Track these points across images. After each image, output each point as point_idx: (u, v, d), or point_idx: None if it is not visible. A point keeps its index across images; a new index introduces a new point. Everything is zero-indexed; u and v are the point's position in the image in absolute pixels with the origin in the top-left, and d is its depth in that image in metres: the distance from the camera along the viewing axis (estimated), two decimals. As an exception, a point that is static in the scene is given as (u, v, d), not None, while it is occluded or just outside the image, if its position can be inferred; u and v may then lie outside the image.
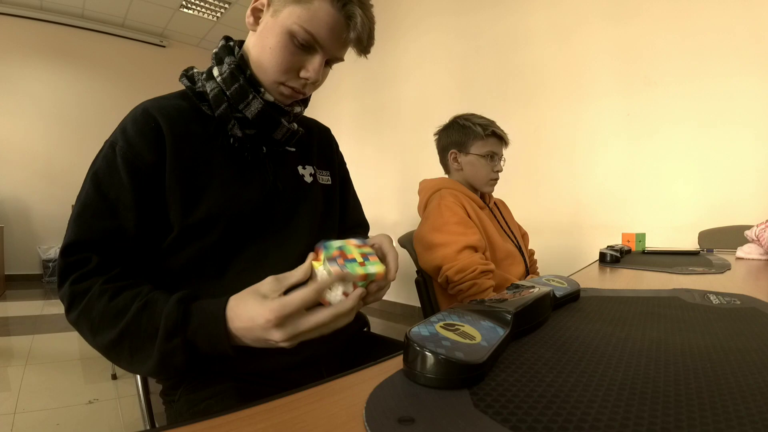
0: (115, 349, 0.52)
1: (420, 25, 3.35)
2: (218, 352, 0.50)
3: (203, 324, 0.50)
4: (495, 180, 1.28)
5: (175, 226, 0.59)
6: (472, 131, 1.24)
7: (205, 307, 0.51)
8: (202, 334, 0.49)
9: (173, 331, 0.49)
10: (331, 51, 0.63)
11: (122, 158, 0.57)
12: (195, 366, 0.51)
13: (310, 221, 0.71)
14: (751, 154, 1.84)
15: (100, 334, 0.52)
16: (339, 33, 0.61)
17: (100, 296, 0.52)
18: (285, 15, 0.60)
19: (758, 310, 0.55)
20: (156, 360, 0.50)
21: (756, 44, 1.81)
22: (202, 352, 0.50)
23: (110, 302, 0.52)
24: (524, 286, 0.55)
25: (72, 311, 0.54)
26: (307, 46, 0.61)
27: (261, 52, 0.63)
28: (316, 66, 0.62)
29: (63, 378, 1.95)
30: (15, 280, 4.35)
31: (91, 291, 0.53)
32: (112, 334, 0.51)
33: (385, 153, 3.65)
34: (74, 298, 0.53)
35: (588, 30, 2.35)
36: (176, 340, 0.49)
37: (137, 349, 0.51)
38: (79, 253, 0.55)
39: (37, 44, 4.64)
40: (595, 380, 0.32)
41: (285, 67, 0.62)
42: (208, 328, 0.49)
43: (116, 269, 0.56)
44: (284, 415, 0.29)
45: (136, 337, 0.51)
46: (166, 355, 0.49)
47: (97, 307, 0.52)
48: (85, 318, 0.53)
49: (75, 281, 0.54)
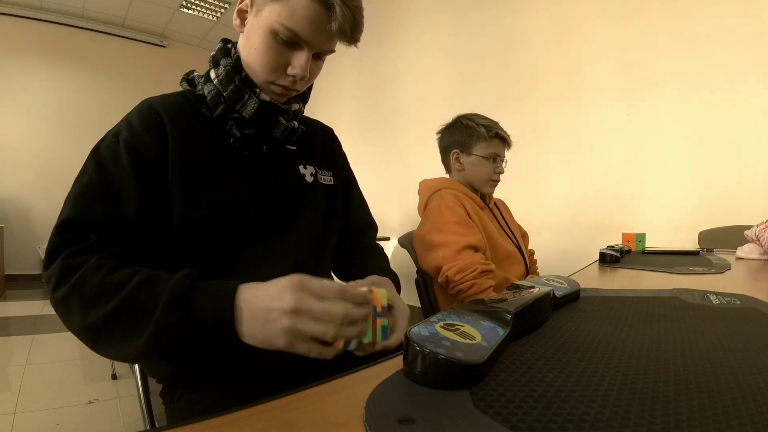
0: (106, 326, 0.47)
1: (419, 23, 3.35)
2: (219, 332, 0.45)
3: (211, 296, 0.46)
4: (496, 182, 1.28)
5: (176, 222, 0.59)
6: (476, 132, 1.23)
7: (216, 282, 0.48)
8: (207, 307, 0.45)
9: (177, 300, 0.46)
10: (316, 45, 0.62)
11: (126, 147, 0.57)
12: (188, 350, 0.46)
13: (310, 221, 0.71)
14: (751, 154, 1.84)
15: (92, 309, 0.47)
16: (321, 26, 0.59)
17: (97, 270, 0.49)
18: (266, 14, 0.60)
19: (758, 310, 0.55)
20: (149, 333, 0.45)
21: (756, 44, 1.81)
22: (201, 330, 0.45)
23: (107, 276, 0.48)
24: (524, 286, 0.55)
25: (60, 287, 0.48)
26: (291, 43, 0.61)
27: (248, 53, 0.63)
28: (303, 62, 0.62)
29: (63, 378, 1.95)
30: (15, 280, 4.35)
31: (85, 265, 0.49)
32: (106, 308, 0.46)
33: (385, 152, 3.65)
34: (65, 273, 0.49)
35: (588, 30, 2.34)
36: (178, 312, 0.45)
37: (130, 324, 0.46)
38: (77, 230, 0.52)
39: (37, 44, 4.63)
40: (595, 380, 0.32)
41: (271, 66, 0.62)
42: (215, 301, 0.46)
43: (115, 249, 0.53)
44: (284, 415, 0.29)
45: (132, 310, 0.46)
46: (162, 328, 0.45)
47: (92, 281, 0.48)
48: (77, 294, 0.48)
49: (68, 256, 0.50)
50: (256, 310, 0.44)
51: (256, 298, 0.45)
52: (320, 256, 0.73)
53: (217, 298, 0.46)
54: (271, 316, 0.43)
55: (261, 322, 0.44)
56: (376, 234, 0.89)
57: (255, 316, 0.45)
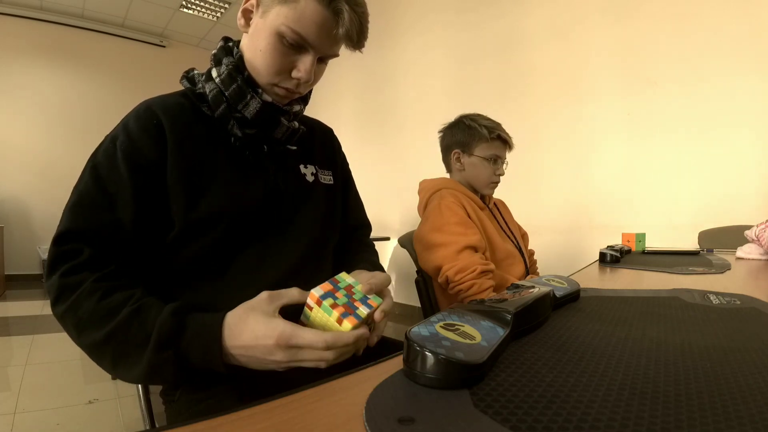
0: (98, 351, 0.51)
1: (419, 23, 3.35)
2: (210, 366, 0.49)
3: (198, 335, 0.49)
4: (496, 183, 1.27)
5: (176, 223, 0.59)
6: (478, 132, 1.23)
7: (201, 319, 0.50)
8: (195, 346, 0.49)
9: (166, 342, 0.48)
10: (322, 49, 0.62)
11: (122, 153, 0.57)
12: (183, 380, 0.51)
13: (311, 220, 0.71)
14: (751, 154, 1.84)
15: (85, 333, 0.50)
16: (328, 30, 0.59)
17: (91, 294, 0.51)
18: (273, 16, 0.59)
19: (758, 310, 0.55)
20: (144, 370, 0.49)
21: (756, 44, 1.81)
22: (192, 366, 0.49)
23: (100, 302, 0.51)
24: (524, 286, 0.55)
25: (59, 304, 0.52)
26: (296, 46, 0.61)
27: (253, 54, 0.63)
28: (308, 66, 0.61)
29: (63, 378, 1.95)
30: (15, 280, 4.35)
31: (81, 287, 0.51)
32: (97, 335, 0.49)
33: (385, 152, 3.65)
34: (62, 292, 0.52)
35: (588, 29, 2.34)
36: (167, 353, 0.48)
37: (123, 354, 0.50)
38: (72, 243, 0.54)
39: (37, 44, 4.63)
40: (595, 380, 0.32)
41: (276, 68, 0.62)
42: (202, 341, 0.49)
43: (110, 266, 0.55)
44: (284, 415, 0.29)
45: (123, 342, 0.49)
46: (156, 366, 0.48)
47: (86, 305, 0.51)
48: (72, 314, 0.51)
49: (65, 273, 0.52)
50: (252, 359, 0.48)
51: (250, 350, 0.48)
52: (320, 255, 0.73)
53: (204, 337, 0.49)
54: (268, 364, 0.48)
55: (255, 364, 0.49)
56: (370, 233, 0.90)
57: (251, 361, 0.49)
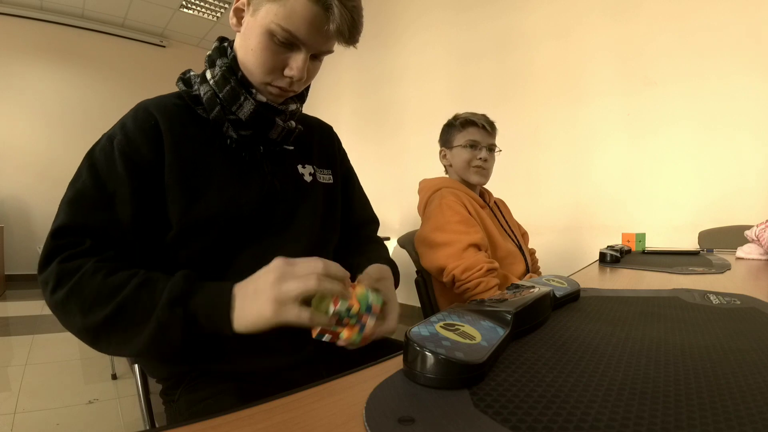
0: (107, 327, 0.49)
1: (419, 21, 3.35)
2: (217, 328, 0.48)
3: (208, 295, 0.49)
4: (479, 167, 1.25)
5: (173, 225, 0.59)
6: (453, 126, 1.29)
7: (211, 284, 0.51)
8: (204, 306, 0.48)
9: (176, 299, 0.48)
10: (313, 46, 0.61)
11: (120, 152, 0.57)
12: (188, 345, 0.49)
13: (310, 221, 0.71)
14: (751, 154, 1.84)
15: (92, 312, 0.49)
16: (319, 27, 0.58)
17: (95, 273, 0.50)
18: (263, 14, 0.58)
19: (758, 310, 0.55)
20: (151, 331, 0.47)
21: (756, 43, 1.81)
22: (200, 329, 0.49)
23: (106, 279, 0.50)
24: (524, 286, 0.55)
25: (59, 290, 0.50)
26: (288, 44, 0.60)
27: (245, 54, 0.62)
28: (300, 64, 0.61)
29: (63, 378, 1.94)
30: (15, 280, 4.34)
31: (83, 269, 0.50)
32: (106, 310, 0.48)
33: (385, 151, 3.65)
34: (62, 277, 0.50)
35: (588, 28, 2.34)
36: (178, 310, 0.48)
37: (131, 323, 0.48)
38: (71, 237, 0.53)
39: (37, 44, 4.63)
40: (595, 380, 0.32)
41: (268, 67, 0.61)
42: (211, 301, 0.49)
43: (110, 253, 0.54)
44: (284, 415, 0.29)
45: (132, 311, 0.48)
46: (164, 326, 0.47)
47: (91, 284, 0.49)
48: (76, 296, 0.49)
49: (64, 260, 0.51)
50: (246, 292, 0.48)
51: (246, 283, 0.49)
52: (320, 255, 0.73)
53: (215, 295, 0.49)
54: (258, 288, 0.47)
55: (250, 299, 0.47)
56: (377, 228, 0.89)
57: (245, 295, 0.48)
